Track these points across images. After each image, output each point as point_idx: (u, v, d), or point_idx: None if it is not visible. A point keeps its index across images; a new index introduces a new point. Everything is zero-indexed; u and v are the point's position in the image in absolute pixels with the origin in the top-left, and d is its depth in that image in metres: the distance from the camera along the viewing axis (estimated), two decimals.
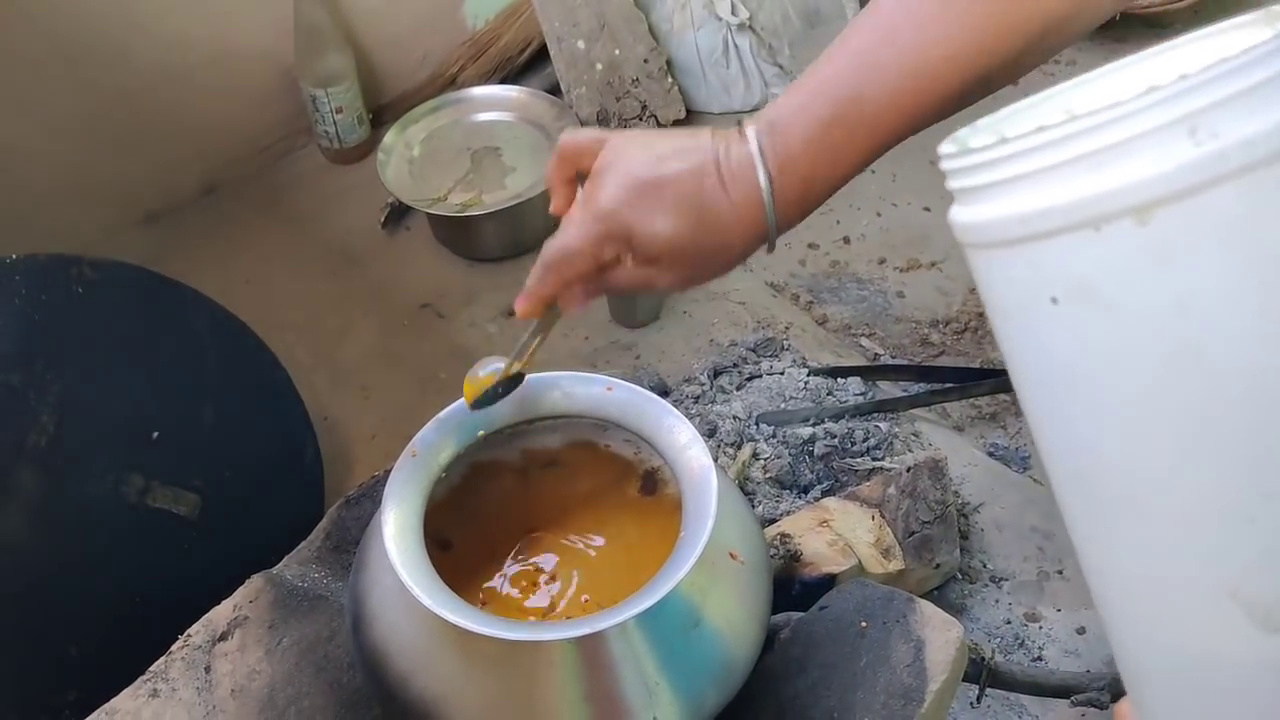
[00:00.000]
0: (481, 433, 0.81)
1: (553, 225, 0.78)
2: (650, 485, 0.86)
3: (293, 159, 1.83)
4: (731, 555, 0.77)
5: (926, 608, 0.85)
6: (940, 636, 0.83)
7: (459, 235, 1.65)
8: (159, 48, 1.62)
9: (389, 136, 1.68)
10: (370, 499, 0.97)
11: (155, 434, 1.22)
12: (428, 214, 1.63)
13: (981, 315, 1.55)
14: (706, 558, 0.71)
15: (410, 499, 0.75)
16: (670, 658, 0.72)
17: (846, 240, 1.67)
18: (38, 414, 1.15)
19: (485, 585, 0.82)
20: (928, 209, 1.71)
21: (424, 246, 1.69)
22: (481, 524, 0.85)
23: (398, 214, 1.71)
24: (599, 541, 0.84)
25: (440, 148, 1.70)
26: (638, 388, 0.81)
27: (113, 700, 0.86)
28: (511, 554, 0.84)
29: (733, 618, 0.76)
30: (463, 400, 0.79)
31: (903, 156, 1.85)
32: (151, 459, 1.21)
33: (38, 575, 1.13)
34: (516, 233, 1.64)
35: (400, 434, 0.78)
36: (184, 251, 1.62)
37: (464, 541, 0.84)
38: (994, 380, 1.42)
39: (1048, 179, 0.40)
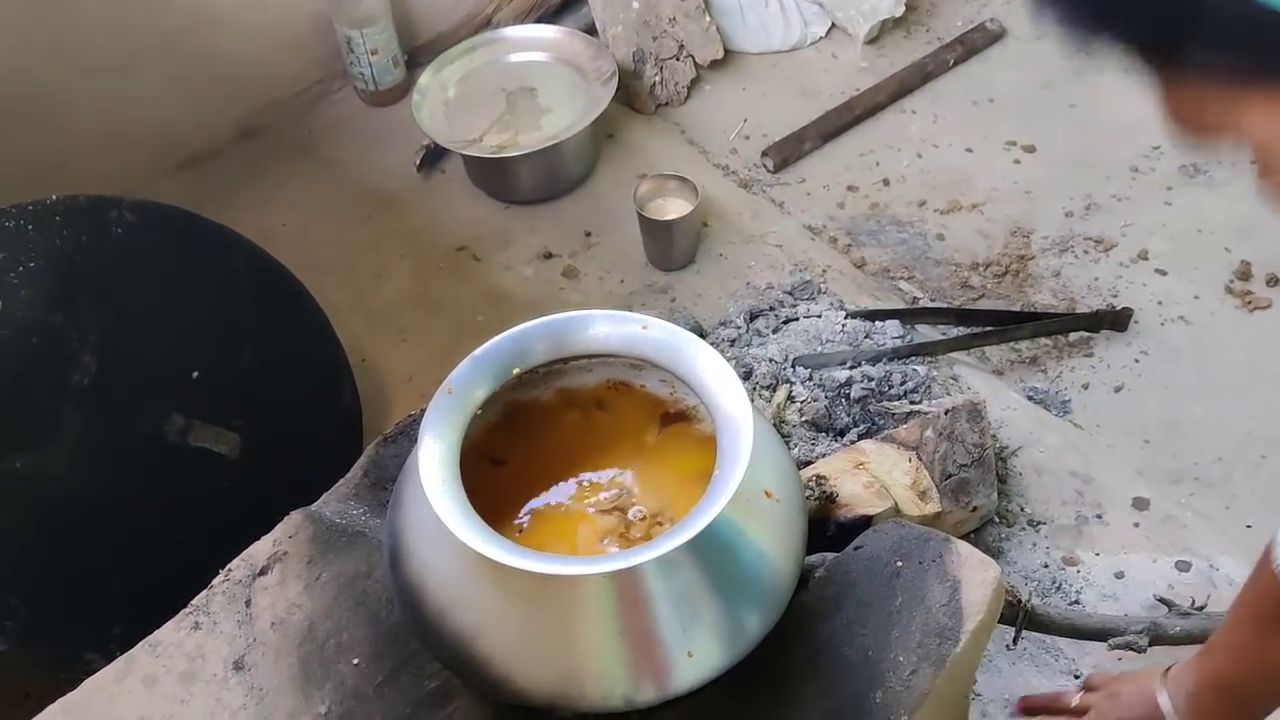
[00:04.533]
0: (517, 371, 0.80)
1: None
2: (685, 424, 0.86)
3: (329, 102, 1.82)
4: (767, 494, 0.77)
5: (963, 548, 0.84)
6: (977, 576, 0.83)
7: (495, 177, 1.65)
8: None
9: (424, 78, 1.67)
10: (408, 437, 0.97)
11: (195, 374, 1.23)
12: (463, 156, 1.62)
13: (1023, 258, 1.53)
14: (741, 495, 0.70)
15: (446, 435, 0.75)
16: (705, 593, 0.72)
17: (886, 182, 1.65)
18: (79, 354, 1.16)
19: (530, 508, 0.83)
20: (969, 150, 1.67)
21: (460, 189, 1.68)
22: (522, 457, 0.85)
23: (433, 156, 1.70)
24: (633, 477, 0.84)
25: (476, 89, 1.68)
26: (673, 326, 0.80)
27: (156, 632, 0.88)
28: (552, 486, 0.84)
29: (767, 555, 0.76)
30: (498, 339, 0.79)
31: (944, 97, 1.83)
32: (192, 398, 1.23)
33: (82, 512, 1.15)
34: (552, 174, 1.63)
35: (437, 376, 0.78)
36: (221, 196, 1.62)
37: (511, 465, 0.84)
38: (1034, 324, 1.40)
39: None
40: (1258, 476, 1.27)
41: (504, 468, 0.85)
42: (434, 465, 0.73)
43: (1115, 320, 1.42)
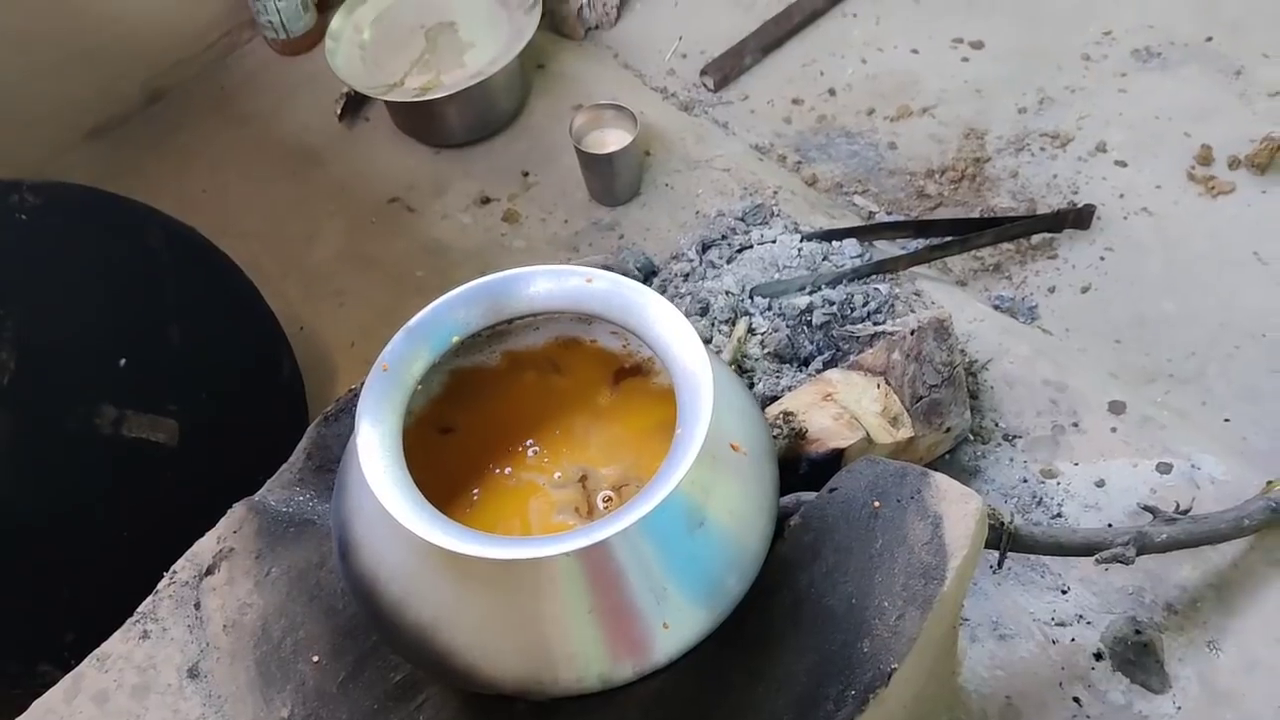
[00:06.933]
0: (456, 338, 0.75)
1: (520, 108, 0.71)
2: (642, 378, 0.81)
3: (239, 55, 1.73)
4: (733, 447, 0.72)
5: (942, 481, 0.81)
6: (958, 510, 0.79)
7: (421, 121, 1.56)
8: None
9: (336, 21, 1.58)
10: (349, 414, 0.92)
11: (123, 361, 1.17)
12: (386, 102, 1.54)
13: (978, 160, 1.48)
14: (706, 453, 0.66)
15: (385, 417, 0.70)
16: (677, 561, 0.68)
17: (832, 92, 1.58)
18: None
19: (483, 479, 0.78)
20: (915, 51, 1.61)
21: (386, 137, 1.60)
22: (472, 424, 0.80)
23: (355, 104, 1.62)
24: (590, 440, 0.80)
25: (392, 28, 1.59)
26: (619, 277, 0.75)
27: (103, 645, 0.83)
28: (504, 453, 0.79)
29: (739, 512, 0.71)
30: (432, 306, 0.73)
31: None
32: (122, 387, 1.16)
33: (18, 518, 1.09)
34: (482, 113, 1.55)
35: (381, 338, 0.73)
36: (134, 166, 1.54)
37: (461, 433, 0.79)
38: (995, 229, 1.35)
39: None
40: (1232, 368, 1.24)
41: (453, 436, 0.80)
42: (374, 451, 0.68)
43: (1077, 218, 1.38)
